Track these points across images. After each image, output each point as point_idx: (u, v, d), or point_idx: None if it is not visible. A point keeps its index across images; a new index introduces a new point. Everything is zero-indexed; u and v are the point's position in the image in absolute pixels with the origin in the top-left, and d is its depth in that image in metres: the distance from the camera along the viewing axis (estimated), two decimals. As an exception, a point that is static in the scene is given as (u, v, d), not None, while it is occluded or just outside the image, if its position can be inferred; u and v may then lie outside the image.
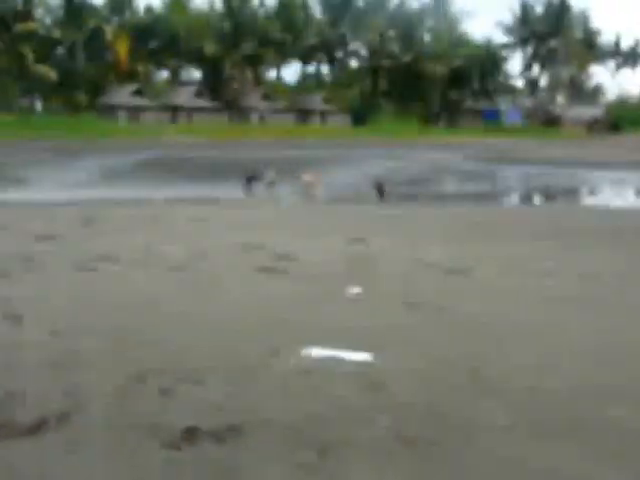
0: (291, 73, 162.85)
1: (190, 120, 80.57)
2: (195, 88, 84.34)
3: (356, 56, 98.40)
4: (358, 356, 5.49)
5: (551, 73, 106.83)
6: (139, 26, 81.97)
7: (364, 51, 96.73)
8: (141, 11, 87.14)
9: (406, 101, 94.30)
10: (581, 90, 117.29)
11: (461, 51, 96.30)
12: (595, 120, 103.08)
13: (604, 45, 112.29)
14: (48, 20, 79.86)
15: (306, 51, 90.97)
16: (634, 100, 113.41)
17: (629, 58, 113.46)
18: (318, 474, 3.70)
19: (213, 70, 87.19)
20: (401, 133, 76.87)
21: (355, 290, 7.73)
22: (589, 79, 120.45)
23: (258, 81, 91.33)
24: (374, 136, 75.15)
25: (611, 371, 5.31)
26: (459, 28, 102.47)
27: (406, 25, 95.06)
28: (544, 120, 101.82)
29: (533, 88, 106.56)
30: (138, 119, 76.95)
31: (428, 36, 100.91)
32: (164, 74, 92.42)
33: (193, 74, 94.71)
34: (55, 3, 79.60)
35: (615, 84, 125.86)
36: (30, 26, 71.86)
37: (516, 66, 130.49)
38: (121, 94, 76.97)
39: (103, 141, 57.93)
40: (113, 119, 73.65)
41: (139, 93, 78.10)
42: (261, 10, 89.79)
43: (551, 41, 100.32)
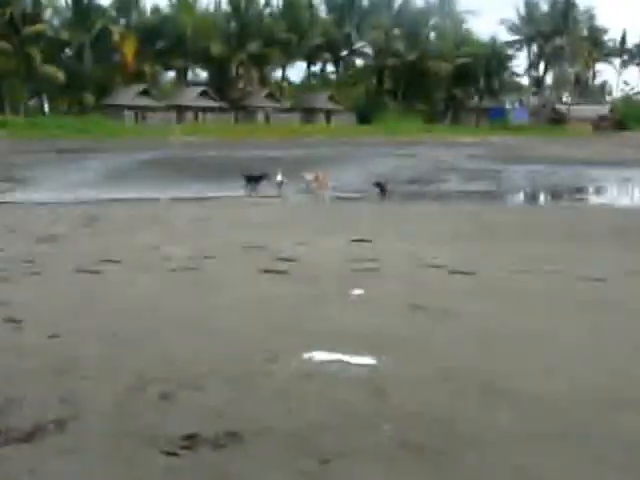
0: (296, 72, 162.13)
1: (196, 120, 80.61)
2: (201, 88, 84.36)
3: (361, 55, 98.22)
4: (361, 360, 5.37)
5: (557, 71, 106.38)
6: (146, 27, 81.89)
7: (369, 50, 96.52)
8: (148, 12, 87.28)
9: (411, 99, 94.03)
10: (587, 88, 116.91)
11: (466, 49, 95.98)
12: (601, 118, 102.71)
13: (610, 43, 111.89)
14: (56, 22, 79.93)
15: (311, 51, 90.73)
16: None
17: (635, 55, 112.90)
18: (319, 483, 3.62)
19: (219, 70, 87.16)
20: (406, 131, 76.61)
21: (358, 292, 7.64)
22: (595, 77, 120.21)
23: (264, 81, 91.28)
24: (379, 135, 75.02)
25: (626, 379, 5.14)
26: (464, 26, 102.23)
27: (411, 24, 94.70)
28: (550, 118, 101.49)
29: (539, 86, 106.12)
30: (145, 119, 77.03)
31: (433, 34, 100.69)
32: (171, 74, 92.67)
33: (199, 74, 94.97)
34: (63, 5, 79.87)
35: (621, 82, 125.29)
36: (38, 28, 71.75)
37: (521, 64, 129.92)
38: (128, 94, 76.96)
39: (110, 141, 57.98)
40: (120, 119, 73.68)
41: (146, 93, 78.11)
42: (267, 10, 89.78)
43: (556, 39, 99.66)
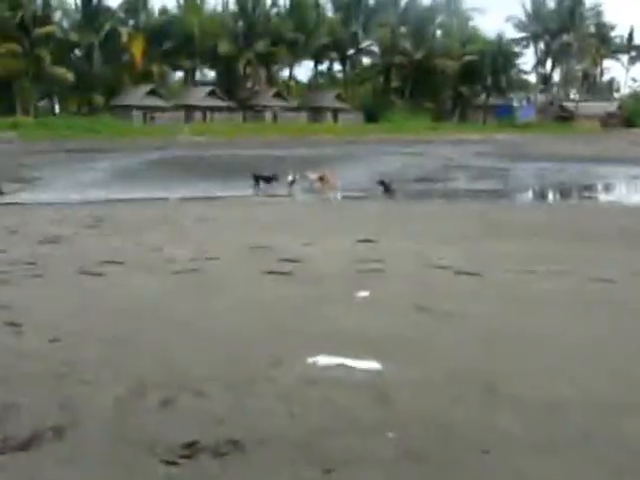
0: (304, 72, 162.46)
1: (204, 120, 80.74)
2: (209, 88, 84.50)
3: (368, 54, 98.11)
4: (366, 365, 5.27)
5: (564, 68, 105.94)
6: (154, 28, 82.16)
7: (376, 48, 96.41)
8: (156, 13, 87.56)
9: (418, 98, 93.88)
10: (594, 85, 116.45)
11: (473, 47, 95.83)
12: (609, 115, 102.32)
13: (617, 39, 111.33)
14: (66, 23, 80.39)
15: (318, 50, 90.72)
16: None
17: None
18: (322, 493, 3.55)
19: (227, 70, 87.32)
20: (414, 130, 76.58)
21: (364, 293, 7.54)
22: (602, 74, 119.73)
23: (271, 80, 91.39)
24: (386, 133, 74.93)
25: (634, 382, 5.02)
26: (470, 24, 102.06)
27: (418, 22, 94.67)
28: (557, 115, 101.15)
29: (546, 83, 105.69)
30: (153, 119, 77.31)
31: (440, 32, 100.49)
32: (179, 74, 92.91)
33: (207, 74, 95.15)
34: (73, 7, 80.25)
35: (629, 78, 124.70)
36: (48, 30, 72.16)
37: (529, 61, 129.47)
38: (136, 95, 77.23)
39: (119, 141, 58.21)
40: (129, 119, 73.95)
41: (154, 93, 78.36)
42: (274, 10, 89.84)
43: (563, 36, 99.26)
